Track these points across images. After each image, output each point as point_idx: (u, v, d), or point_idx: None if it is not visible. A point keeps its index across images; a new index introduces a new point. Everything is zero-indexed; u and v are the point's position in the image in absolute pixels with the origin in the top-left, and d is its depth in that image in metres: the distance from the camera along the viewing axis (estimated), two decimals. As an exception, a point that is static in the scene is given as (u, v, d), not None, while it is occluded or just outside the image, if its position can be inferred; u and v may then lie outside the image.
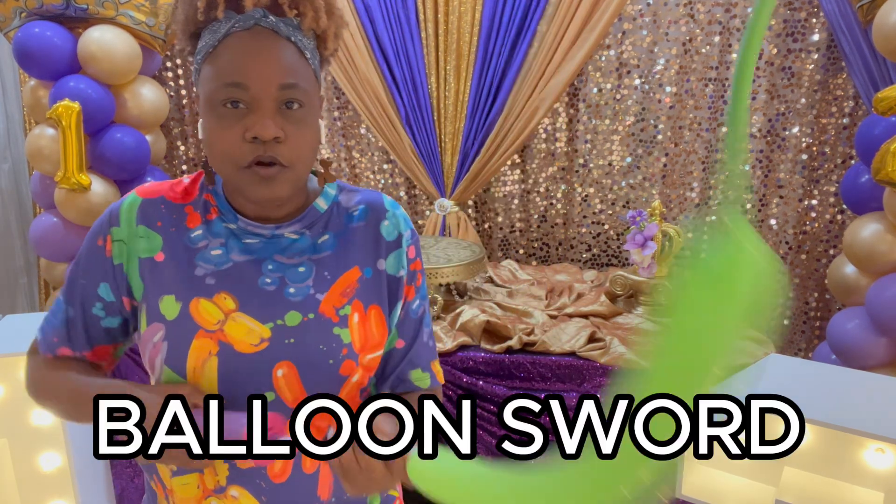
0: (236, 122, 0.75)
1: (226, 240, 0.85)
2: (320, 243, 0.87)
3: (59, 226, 2.40)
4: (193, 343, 0.80)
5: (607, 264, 2.70)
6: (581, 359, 1.78)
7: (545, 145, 2.64)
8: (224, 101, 0.75)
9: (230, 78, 0.75)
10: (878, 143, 1.77)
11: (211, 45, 0.78)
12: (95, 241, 0.86)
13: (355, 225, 0.90)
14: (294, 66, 0.77)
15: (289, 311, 0.83)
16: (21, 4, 2.23)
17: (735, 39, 2.37)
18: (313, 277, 0.85)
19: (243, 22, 0.76)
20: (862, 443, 1.09)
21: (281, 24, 0.77)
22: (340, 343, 0.84)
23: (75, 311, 0.86)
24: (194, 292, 0.83)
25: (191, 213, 0.87)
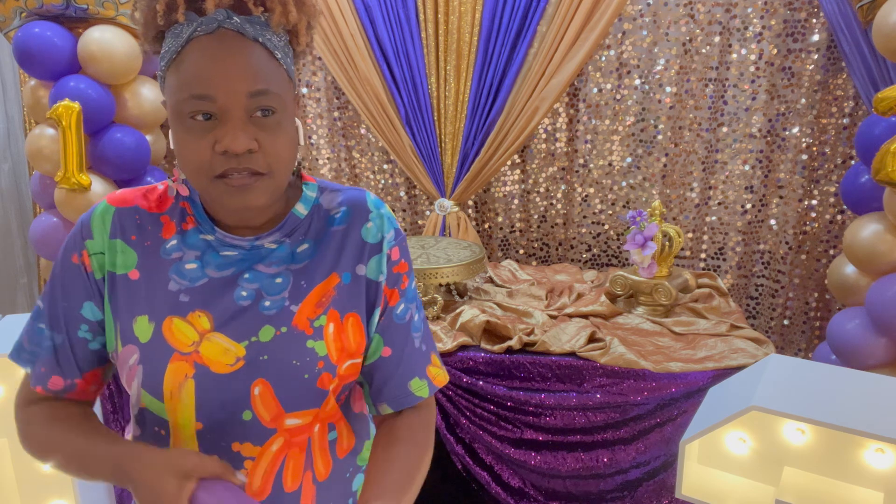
0: (205, 133, 0.72)
1: (202, 252, 0.82)
2: (299, 252, 0.84)
3: (59, 226, 2.40)
4: (168, 367, 0.78)
5: (607, 264, 2.70)
6: (581, 359, 1.78)
7: (545, 145, 2.64)
8: (191, 113, 0.72)
9: (195, 89, 0.71)
10: (878, 143, 1.77)
11: (174, 50, 0.73)
12: (69, 257, 0.82)
13: (336, 228, 0.86)
14: (264, 70, 0.73)
15: (262, 325, 0.80)
16: (21, 4, 2.23)
17: (735, 39, 2.37)
18: (290, 288, 0.82)
19: (206, 25, 0.72)
20: (862, 443, 1.09)
21: (247, 24, 0.73)
22: (315, 356, 0.81)
23: (61, 336, 0.82)
24: (167, 311, 0.79)
25: (166, 224, 0.83)
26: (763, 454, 1.19)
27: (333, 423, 0.87)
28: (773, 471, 1.18)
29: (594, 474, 1.82)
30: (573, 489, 1.85)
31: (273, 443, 0.80)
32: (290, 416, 0.81)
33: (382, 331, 0.87)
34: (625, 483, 1.81)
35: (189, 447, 0.80)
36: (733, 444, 1.21)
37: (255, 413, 0.79)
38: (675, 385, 1.71)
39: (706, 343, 1.83)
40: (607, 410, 1.77)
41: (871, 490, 1.10)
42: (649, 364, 1.72)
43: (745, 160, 2.47)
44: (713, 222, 2.56)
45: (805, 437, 1.13)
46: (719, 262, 2.59)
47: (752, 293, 2.61)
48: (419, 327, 0.91)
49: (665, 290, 1.98)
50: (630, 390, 1.73)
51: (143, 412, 0.82)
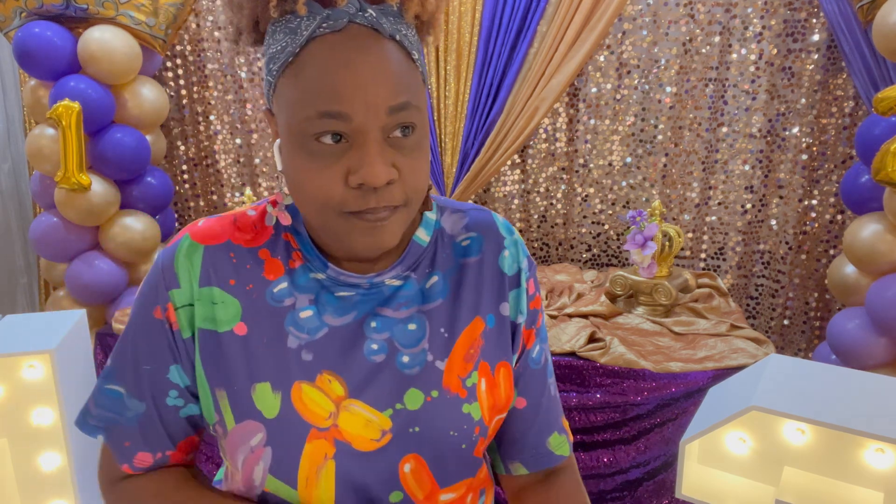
0: (335, 160, 0.58)
1: (316, 295, 0.68)
2: (429, 288, 0.70)
3: (59, 226, 2.40)
4: (306, 447, 0.64)
5: (607, 264, 2.70)
6: (581, 359, 1.78)
7: (545, 145, 2.64)
8: (318, 134, 0.57)
9: (325, 105, 0.56)
10: (878, 143, 1.77)
11: (290, 52, 0.58)
12: (150, 311, 0.67)
13: (468, 260, 0.72)
14: (405, 77, 0.59)
15: (408, 389, 0.67)
16: (21, 4, 2.23)
17: (735, 39, 2.37)
18: (428, 337, 0.69)
19: (333, 20, 0.57)
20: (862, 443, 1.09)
21: (382, 17, 0.58)
22: (471, 422, 0.68)
23: (144, 404, 0.68)
24: (293, 375, 0.65)
25: (268, 260, 0.68)
26: (763, 454, 1.18)
27: (485, 488, 0.76)
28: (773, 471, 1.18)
29: (594, 474, 1.82)
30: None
31: None
32: (445, 490, 0.69)
33: (517, 379, 0.75)
34: (625, 483, 1.81)
35: None
36: (733, 444, 1.21)
37: (407, 492, 0.67)
38: (675, 385, 1.71)
39: (706, 343, 1.83)
40: (607, 410, 1.77)
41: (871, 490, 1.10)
42: (649, 364, 1.72)
43: (745, 160, 2.47)
44: (713, 222, 2.57)
45: (805, 437, 1.13)
46: (719, 262, 2.59)
47: (752, 293, 2.61)
48: (552, 371, 0.79)
49: (665, 290, 1.98)
50: (630, 390, 1.73)
51: (267, 497, 0.68)
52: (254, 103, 2.74)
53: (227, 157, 2.83)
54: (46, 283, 2.94)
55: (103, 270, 2.41)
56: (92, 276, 2.39)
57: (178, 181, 2.87)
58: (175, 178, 2.86)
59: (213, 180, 2.86)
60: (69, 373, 1.57)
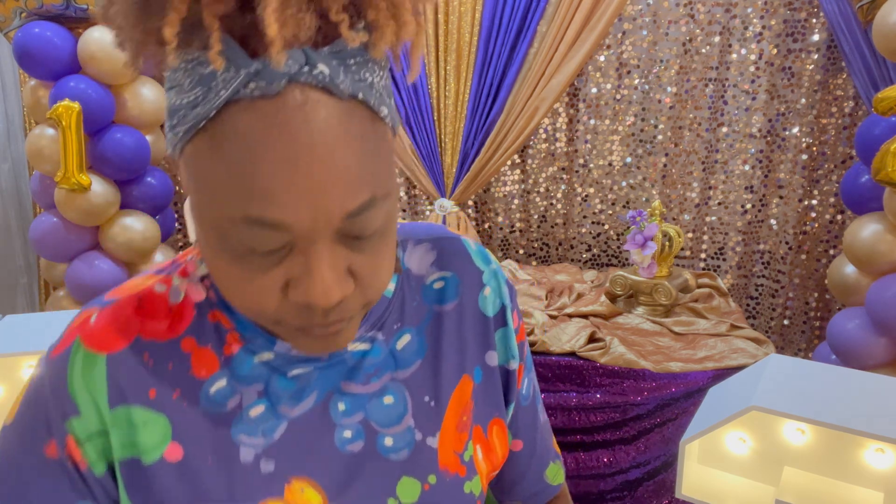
0: (270, 266, 0.42)
1: (265, 384, 0.52)
2: (401, 350, 0.57)
3: (59, 226, 2.40)
4: None
5: (607, 264, 2.70)
6: (581, 359, 1.78)
7: (545, 145, 2.64)
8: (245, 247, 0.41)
9: (254, 209, 0.39)
10: (878, 143, 1.77)
11: (202, 115, 0.39)
12: (40, 449, 0.49)
13: (445, 307, 0.60)
14: (369, 160, 0.41)
15: (399, 478, 0.55)
16: (21, 4, 2.23)
17: (735, 39, 2.37)
18: (411, 410, 0.56)
19: (265, 82, 0.37)
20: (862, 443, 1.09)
21: (340, 69, 0.39)
22: (473, 499, 0.59)
23: None
24: (255, 495, 0.51)
25: (195, 352, 0.52)
26: (763, 454, 1.18)
27: None
28: (773, 471, 1.18)
29: (594, 474, 1.82)
30: (573, 489, 1.85)
31: None
32: None
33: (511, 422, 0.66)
34: (625, 483, 1.81)
35: None
36: (733, 444, 1.21)
37: None
38: (675, 385, 1.71)
39: (706, 343, 1.83)
40: (607, 410, 1.77)
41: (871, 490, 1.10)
42: (649, 364, 1.72)
43: (745, 160, 2.47)
44: (713, 222, 2.57)
45: (805, 437, 1.13)
46: (719, 262, 2.59)
47: (752, 293, 2.61)
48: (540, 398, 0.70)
49: (665, 290, 1.98)
50: (630, 390, 1.73)
51: None
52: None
53: (227, 157, 2.83)
54: (46, 283, 2.94)
55: (103, 270, 2.41)
56: (92, 276, 2.39)
57: (179, 181, 2.87)
58: (175, 178, 2.86)
59: (213, 180, 2.86)
60: (69, 373, 1.57)
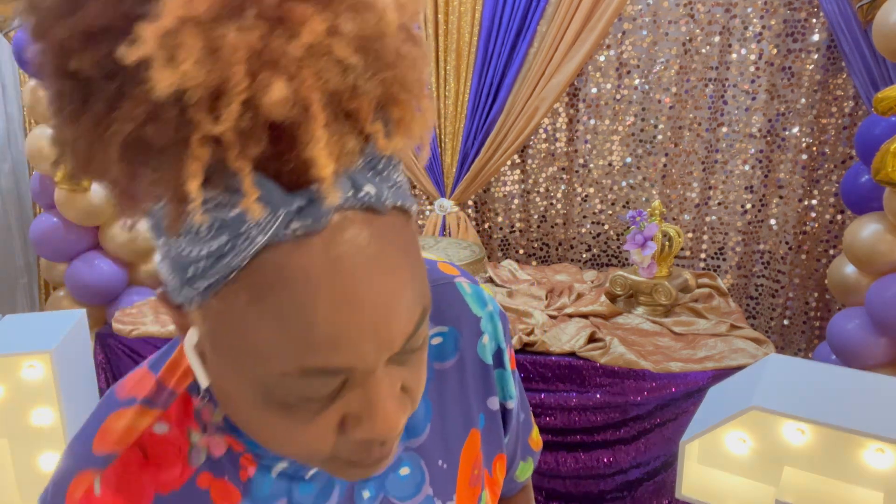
0: (323, 408, 0.38)
1: (288, 497, 0.50)
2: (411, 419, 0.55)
3: (59, 226, 2.40)
4: None
5: (607, 264, 2.70)
6: (581, 359, 1.78)
7: (545, 145, 2.64)
8: (302, 397, 0.37)
9: (315, 359, 0.35)
10: (878, 143, 1.77)
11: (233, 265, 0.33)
12: None
13: (446, 364, 0.57)
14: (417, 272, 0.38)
15: None
16: (21, 4, 2.23)
17: (735, 39, 2.37)
18: (428, 479, 0.55)
19: (312, 217, 0.33)
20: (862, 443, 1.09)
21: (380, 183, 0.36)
22: None
23: None
24: None
25: (213, 486, 0.48)
26: (763, 454, 1.19)
27: None
28: (773, 471, 1.18)
29: (594, 474, 1.82)
30: (573, 489, 1.85)
31: None
32: None
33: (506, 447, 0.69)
34: (625, 483, 1.81)
35: None
36: (733, 444, 1.21)
37: None
38: (675, 385, 1.71)
39: (706, 343, 1.83)
40: (607, 410, 1.77)
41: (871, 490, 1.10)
42: (649, 364, 1.72)
43: (745, 160, 2.47)
44: (713, 222, 2.57)
45: (805, 437, 1.13)
46: (719, 262, 2.59)
47: (752, 293, 2.61)
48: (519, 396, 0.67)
49: (665, 290, 1.98)
50: (630, 390, 1.73)
51: None
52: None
53: (227, 157, 2.83)
54: (46, 283, 2.94)
55: (103, 270, 2.41)
56: (92, 276, 2.39)
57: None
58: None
59: (213, 180, 2.86)
60: (69, 373, 1.57)
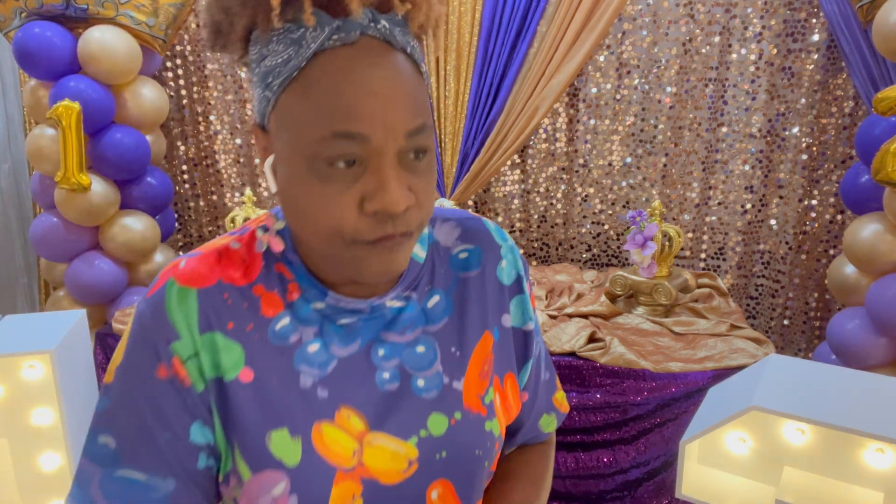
0: (349, 185, 0.54)
1: (319, 326, 0.63)
2: (431, 308, 0.68)
3: (59, 226, 2.40)
4: (333, 491, 0.60)
5: (607, 264, 2.70)
6: (581, 359, 1.78)
7: (545, 145, 2.64)
8: (331, 158, 0.53)
9: (341, 125, 0.52)
10: (878, 143, 1.77)
11: (295, 66, 0.53)
12: (152, 373, 0.59)
13: (469, 274, 0.70)
14: (419, 96, 0.55)
15: (429, 414, 0.65)
16: (21, 4, 2.23)
17: (735, 39, 2.37)
18: (440, 358, 0.66)
19: (345, 33, 0.52)
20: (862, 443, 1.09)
21: (395, 28, 0.54)
22: (493, 438, 0.68)
23: (177, 479, 0.59)
24: (312, 416, 0.61)
25: (264, 296, 0.63)
26: (763, 454, 1.18)
27: None
28: (773, 471, 1.18)
29: (594, 474, 1.82)
30: (573, 489, 1.85)
31: None
32: None
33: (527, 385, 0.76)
34: (625, 483, 1.81)
35: None
36: (733, 444, 1.21)
37: None
38: (675, 385, 1.71)
39: (706, 343, 1.83)
40: (607, 410, 1.77)
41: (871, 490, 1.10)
42: (649, 364, 1.72)
43: (745, 160, 2.47)
44: (713, 222, 2.57)
45: (805, 437, 1.13)
46: (719, 262, 2.59)
47: (752, 293, 2.61)
48: (545, 355, 0.79)
49: (665, 290, 1.98)
50: (630, 390, 1.73)
51: None
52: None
53: (227, 157, 2.83)
54: (46, 283, 2.94)
55: (103, 270, 2.41)
56: (92, 276, 2.39)
57: (178, 181, 2.87)
58: (175, 178, 2.86)
59: (213, 180, 2.87)
60: (69, 373, 1.57)
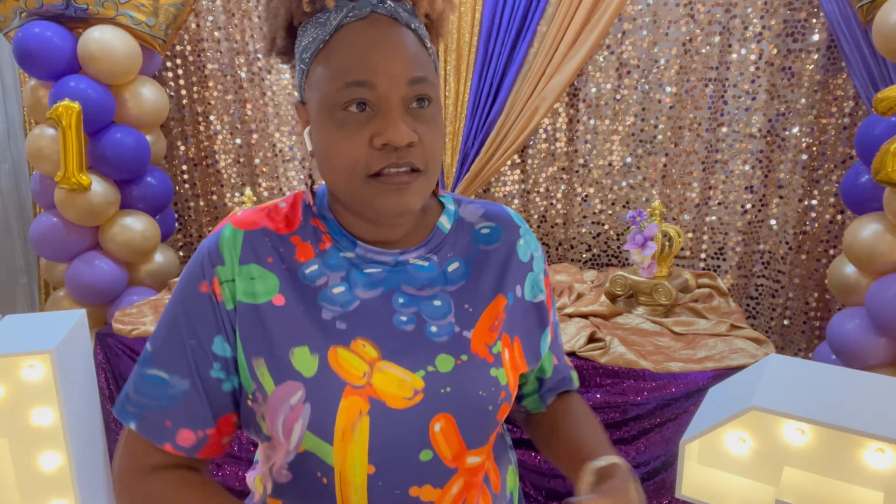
0: (361, 127, 0.66)
1: (346, 272, 0.74)
2: (451, 272, 0.77)
3: (59, 226, 2.40)
4: (342, 403, 0.68)
5: (607, 264, 2.70)
6: (581, 359, 1.78)
7: (545, 145, 2.64)
8: (346, 103, 0.65)
9: (353, 76, 0.65)
10: (878, 143, 1.77)
11: (321, 40, 0.67)
12: (196, 287, 0.72)
13: (489, 247, 0.80)
14: (421, 57, 0.68)
15: (438, 354, 0.72)
16: (21, 4, 2.23)
17: (735, 39, 2.37)
18: (454, 312, 0.75)
19: (358, 10, 0.67)
20: (862, 443, 1.09)
21: (400, 9, 0.68)
22: (498, 385, 0.74)
23: (188, 380, 0.71)
24: (329, 341, 0.71)
25: (299, 245, 0.75)
26: (763, 454, 1.18)
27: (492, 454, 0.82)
28: (773, 471, 1.18)
29: (594, 474, 1.82)
30: (573, 489, 1.85)
31: (454, 484, 0.73)
32: (471, 453, 0.74)
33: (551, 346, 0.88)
34: (625, 483, 1.81)
35: (355, 496, 0.71)
36: (733, 444, 1.21)
37: (436, 451, 0.71)
38: (675, 385, 1.71)
39: (706, 343, 1.83)
40: (607, 410, 1.77)
41: (871, 490, 1.10)
42: (649, 364, 1.72)
43: (745, 160, 2.47)
44: (713, 222, 2.57)
45: (805, 437, 1.13)
46: (719, 262, 2.59)
47: (752, 293, 2.61)
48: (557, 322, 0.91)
49: (665, 290, 1.98)
50: (630, 390, 1.73)
51: (304, 457, 0.71)
52: (253, 103, 2.74)
53: (227, 157, 2.83)
54: (46, 283, 2.94)
55: (103, 270, 2.41)
56: (92, 276, 2.39)
57: (178, 181, 2.87)
58: (175, 178, 2.86)
59: (213, 180, 2.87)
60: (69, 373, 1.57)
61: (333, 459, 0.69)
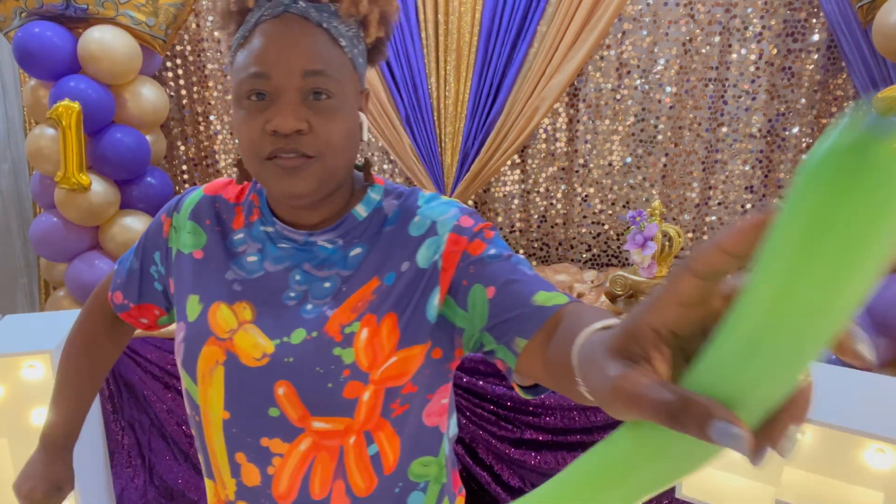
0: (258, 113, 0.72)
1: (263, 245, 0.83)
2: (351, 257, 0.80)
3: (59, 226, 2.40)
4: (203, 349, 0.79)
5: (607, 264, 2.70)
6: (581, 359, 1.78)
7: (545, 145, 2.64)
8: (248, 92, 0.72)
9: (253, 67, 0.71)
10: (878, 143, 1.77)
11: (242, 35, 0.75)
12: (161, 215, 0.91)
13: (386, 229, 0.81)
14: (322, 52, 0.72)
15: (296, 328, 0.78)
16: (21, 4, 2.23)
17: (735, 39, 2.38)
18: (333, 294, 0.79)
19: (272, 9, 0.73)
20: (862, 443, 1.09)
21: (312, 9, 0.73)
22: (341, 364, 0.76)
23: (137, 262, 0.92)
24: (217, 296, 0.81)
25: (238, 215, 0.86)
26: (763, 454, 1.19)
27: (374, 435, 0.79)
28: (773, 471, 1.18)
29: (594, 474, 1.82)
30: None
31: (301, 441, 0.78)
32: (317, 419, 0.77)
33: (478, 278, 0.73)
34: (625, 483, 1.81)
35: (216, 438, 0.81)
36: (733, 444, 1.21)
37: (283, 410, 0.77)
38: (675, 385, 1.71)
39: (706, 343, 1.83)
40: (607, 410, 1.77)
41: (871, 490, 1.10)
42: (649, 364, 1.72)
43: (745, 160, 2.47)
44: (713, 222, 2.57)
45: (805, 437, 1.13)
46: (719, 262, 2.59)
47: (752, 293, 2.61)
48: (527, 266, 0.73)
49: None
50: (630, 390, 1.73)
51: (187, 394, 0.84)
52: (254, 103, 2.74)
53: (227, 158, 2.83)
54: (46, 283, 2.94)
55: (103, 270, 2.41)
56: (92, 276, 2.39)
57: (178, 181, 2.87)
58: (175, 178, 2.86)
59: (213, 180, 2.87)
60: (69, 373, 1.57)
61: (198, 399, 0.81)
